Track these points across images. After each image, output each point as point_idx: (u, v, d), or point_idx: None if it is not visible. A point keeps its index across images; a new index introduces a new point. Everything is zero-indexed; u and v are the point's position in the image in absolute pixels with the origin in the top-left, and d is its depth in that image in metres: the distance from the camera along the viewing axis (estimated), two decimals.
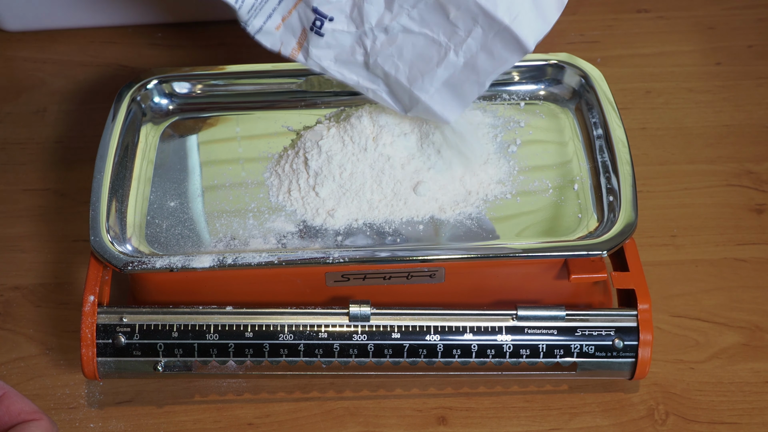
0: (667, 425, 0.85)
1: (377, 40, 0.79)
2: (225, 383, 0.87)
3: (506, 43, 0.77)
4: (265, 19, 0.79)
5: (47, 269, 0.95)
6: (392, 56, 0.80)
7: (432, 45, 0.79)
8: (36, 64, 1.13)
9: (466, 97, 0.82)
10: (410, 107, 0.83)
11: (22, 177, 1.02)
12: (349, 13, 0.78)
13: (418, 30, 0.78)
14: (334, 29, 0.78)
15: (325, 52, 0.80)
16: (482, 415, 0.86)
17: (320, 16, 0.78)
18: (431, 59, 0.79)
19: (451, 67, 0.79)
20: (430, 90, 0.81)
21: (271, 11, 0.79)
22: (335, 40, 0.79)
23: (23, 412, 0.67)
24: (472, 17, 0.76)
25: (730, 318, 0.91)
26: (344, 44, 0.80)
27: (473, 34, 0.77)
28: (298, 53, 0.81)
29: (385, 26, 0.78)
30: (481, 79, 0.80)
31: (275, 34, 0.80)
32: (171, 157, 0.92)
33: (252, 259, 0.82)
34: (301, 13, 0.79)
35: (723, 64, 1.12)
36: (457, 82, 0.80)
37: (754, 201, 0.99)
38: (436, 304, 0.83)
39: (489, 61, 0.79)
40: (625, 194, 0.85)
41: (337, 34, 0.79)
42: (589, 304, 0.87)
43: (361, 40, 0.79)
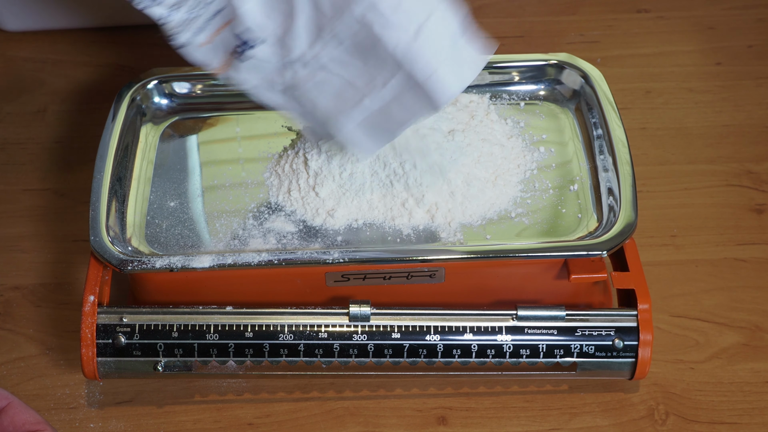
0: (667, 425, 0.85)
1: (297, 74, 0.79)
2: (225, 383, 0.87)
3: (419, 97, 0.77)
4: (191, 35, 0.79)
5: (47, 269, 0.95)
6: (311, 91, 0.80)
7: (349, 87, 0.79)
8: (36, 64, 1.13)
9: (379, 140, 0.82)
10: (326, 138, 0.83)
11: (22, 177, 1.02)
12: (273, 45, 0.78)
13: (336, 71, 0.78)
14: (256, 56, 0.78)
15: (247, 76, 0.80)
16: (482, 415, 0.86)
17: (243, 42, 0.78)
18: (347, 100, 0.79)
19: (366, 111, 0.80)
20: (344, 128, 0.81)
21: (198, 29, 0.79)
22: (257, 67, 0.80)
23: (27, 422, 0.67)
24: (389, 68, 0.76)
25: (730, 318, 0.91)
26: (266, 72, 0.80)
27: (389, 85, 0.77)
28: (221, 72, 0.81)
29: (306, 62, 0.78)
30: (393, 127, 0.81)
31: (201, 50, 0.80)
32: (171, 157, 0.92)
33: (252, 259, 0.82)
34: (227, 36, 0.79)
35: (723, 64, 1.12)
36: (371, 125, 0.81)
37: (754, 201, 0.99)
38: (436, 304, 0.83)
39: (402, 111, 0.79)
40: (625, 194, 0.85)
41: (260, 62, 0.79)
42: (589, 304, 0.87)
43: (282, 71, 0.79)
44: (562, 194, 0.88)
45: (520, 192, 0.89)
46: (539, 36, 1.16)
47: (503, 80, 0.96)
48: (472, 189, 0.87)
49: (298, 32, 0.77)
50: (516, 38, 1.15)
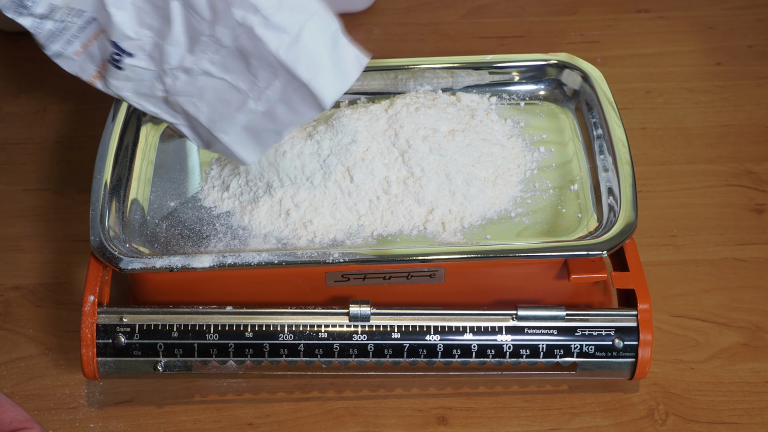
0: (667, 425, 0.85)
1: (177, 80, 0.79)
2: (225, 383, 0.87)
3: (304, 98, 0.77)
4: (63, 44, 0.78)
5: (47, 269, 0.95)
6: (192, 97, 0.79)
7: (232, 91, 0.79)
8: (36, 64, 1.13)
9: (265, 143, 0.82)
10: (210, 144, 0.83)
11: (22, 177, 1.02)
12: (150, 52, 0.77)
13: (218, 75, 0.78)
14: (133, 65, 0.78)
15: (125, 84, 0.80)
16: (482, 415, 0.86)
17: (119, 50, 0.77)
18: (231, 104, 0.79)
19: (251, 114, 0.79)
20: (229, 132, 0.81)
21: (70, 38, 0.78)
22: (135, 75, 0.79)
23: (15, 420, 0.67)
24: (272, 70, 0.76)
25: (730, 318, 0.91)
26: (144, 79, 0.79)
27: (273, 86, 0.77)
28: (97, 81, 0.81)
29: (186, 68, 0.78)
30: (279, 128, 0.80)
31: (75, 59, 0.80)
32: (171, 157, 0.92)
33: (252, 259, 0.82)
34: (102, 44, 0.78)
35: (723, 64, 1.12)
36: (256, 129, 0.80)
37: (754, 201, 0.99)
38: (436, 304, 0.83)
39: (287, 113, 0.79)
40: (625, 194, 0.85)
41: (137, 70, 0.78)
42: (589, 304, 0.87)
43: (161, 78, 0.79)
44: (562, 194, 0.88)
45: (520, 192, 0.89)
46: (539, 36, 1.16)
47: (503, 80, 0.96)
48: (472, 189, 0.87)
49: (175, 38, 0.76)
50: (516, 38, 1.15)
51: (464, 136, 0.89)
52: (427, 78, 0.96)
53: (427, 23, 1.18)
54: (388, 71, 0.96)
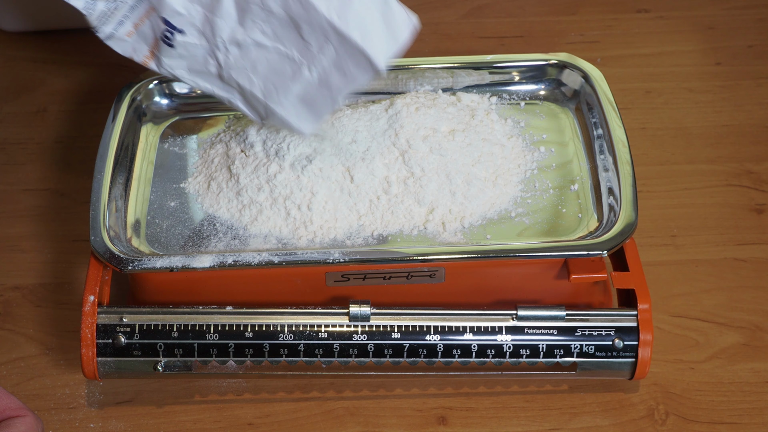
0: (667, 425, 0.85)
1: (230, 54, 0.78)
2: (225, 383, 0.87)
3: (357, 61, 0.77)
4: (115, 25, 0.78)
5: (47, 269, 0.95)
6: (246, 70, 0.79)
7: (285, 60, 0.78)
8: (36, 64, 1.13)
9: (320, 112, 0.82)
10: (266, 117, 0.83)
11: (22, 177, 1.02)
12: (201, 27, 0.77)
13: (270, 45, 0.78)
14: (185, 41, 0.78)
15: (178, 62, 0.80)
16: (482, 415, 0.86)
17: (170, 27, 0.77)
18: (285, 74, 0.79)
19: (305, 83, 0.79)
20: (284, 103, 0.81)
21: (122, 18, 0.78)
22: (187, 52, 0.79)
23: (8, 408, 0.67)
24: (324, 35, 0.76)
25: (730, 318, 0.91)
26: (196, 56, 0.79)
27: (325, 51, 0.77)
28: (150, 61, 0.81)
29: (238, 41, 0.77)
30: (334, 95, 0.80)
31: (127, 40, 0.80)
32: (171, 157, 0.92)
33: (252, 259, 0.82)
34: (153, 23, 0.78)
35: (723, 64, 1.12)
36: (311, 97, 0.80)
37: (754, 201, 0.99)
38: (436, 304, 0.83)
39: (341, 78, 0.79)
40: (625, 194, 0.85)
41: (189, 46, 0.78)
42: (589, 304, 0.87)
43: (213, 53, 0.79)
44: (563, 194, 0.88)
45: (520, 192, 0.89)
46: (539, 36, 1.16)
47: (503, 80, 0.96)
48: (472, 189, 0.87)
49: (225, 10, 0.76)
50: (516, 38, 1.15)
51: (464, 136, 0.89)
52: (427, 78, 0.96)
53: (427, 23, 1.18)
54: (388, 71, 0.96)
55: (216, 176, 0.89)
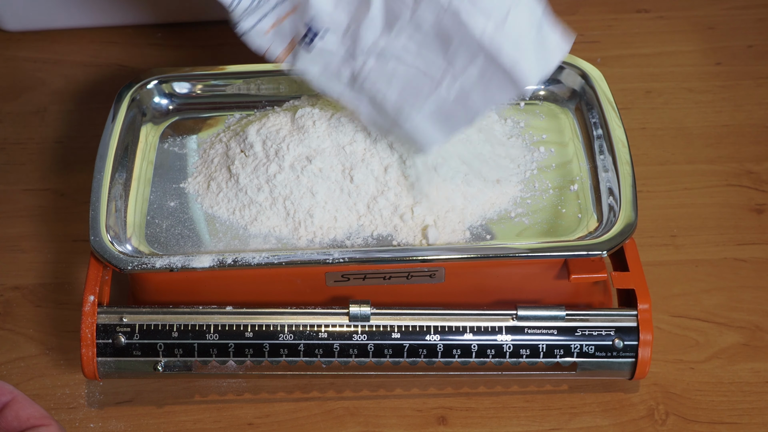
0: (667, 425, 0.85)
1: (367, 64, 0.77)
2: (225, 383, 0.87)
3: (501, 82, 0.76)
4: (257, 20, 0.78)
5: (47, 269, 0.95)
6: (380, 82, 0.78)
7: (423, 76, 0.77)
8: (36, 64, 1.13)
9: (450, 131, 0.81)
10: (390, 131, 0.82)
11: (22, 177, 1.02)
12: (342, 34, 0.77)
13: (411, 60, 0.77)
14: (323, 47, 0.77)
15: (312, 65, 0.79)
16: (482, 415, 0.86)
17: (312, 31, 0.77)
18: (421, 90, 0.78)
19: (440, 100, 0.78)
20: (415, 120, 0.80)
21: (263, 14, 0.78)
22: (323, 57, 0.78)
23: (32, 417, 0.67)
24: (471, 54, 0.75)
25: (730, 318, 0.91)
26: (332, 61, 0.78)
27: (469, 71, 0.76)
28: (284, 58, 0.80)
29: (379, 51, 0.76)
30: (470, 114, 0.79)
31: (264, 36, 0.79)
32: (171, 157, 0.92)
33: (252, 259, 0.82)
34: (294, 23, 0.78)
35: (723, 64, 1.12)
36: (444, 116, 0.79)
37: (754, 201, 0.99)
38: (436, 304, 0.83)
39: (480, 97, 0.77)
40: (625, 194, 0.85)
41: (326, 52, 0.78)
42: (589, 304, 0.87)
43: (350, 61, 0.78)
44: (562, 194, 0.88)
45: (520, 192, 0.89)
46: None
47: None
48: (472, 189, 0.87)
49: (372, 21, 0.75)
50: None
51: (464, 137, 0.89)
52: None
53: None
54: None
55: (216, 176, 0.89)
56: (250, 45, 0.81)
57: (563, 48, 0.77)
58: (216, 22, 1.16)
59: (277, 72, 0.95)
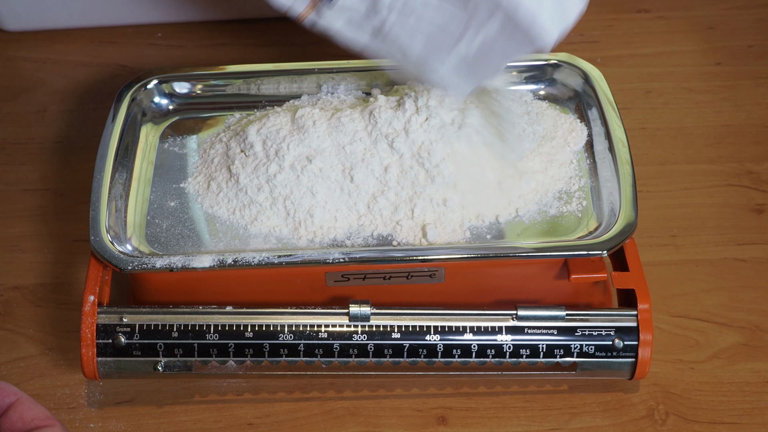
0: (667, 425, 0.85)
1: (389, 19, 0.77)
2: (225, 383, 0.87)
3: (521, 36, 0.76)
4: None
5: (47, 269, 0.95)
6: (401, 36, 0.78)
7: (443, 32, 0.77)
8: (36, 64, 1.13)
9: (478, 76, 0.81)
10: (419, 76, 0.82)
11: (22, 177, 1.02)
12: None
13: (430, 16, 0.76)
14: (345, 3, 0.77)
15: (335, 21, 0.78)
16: (482, 415, 0.86)
17: None
18: (441, 45, 0.77)
19: (463, 54, 0.78)
20: (444, 65, 0.80)
21: None
22: (345, 12, 0.78)
23: (36, 418, 0.67)
24: (491, 8, 0.75)
25: (730, 318, 0.91)
26: (354, 17, 0.78)
27: (489, 25, 0.76)
28: (309, 13, 0.80)
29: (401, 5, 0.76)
30: (494, 64, 0.79)
31: None
32: (171, 157, 0.92)
33: (252, 259, 0.82)
34: None
35: (723, 64, 1.12)
36: (470, 61, 0.79)
37: (754, 201, 0.99)
38: (436, 304, 0.83)
39: (503, 48, 0.77)
40: (625, 194, 0.85)
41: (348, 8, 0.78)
42: (589, 304, 0.87)
43: (371, 16, 0.78)
44: (563, 194, 0.88)
45: (520, 192, 0.88)
46: None
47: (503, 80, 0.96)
48: (472, 189, 0.87)
49: None
50: None
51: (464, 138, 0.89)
52: None
53: None
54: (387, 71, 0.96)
55: (216, 176, 0.89)
56: (272, 3, 0.80)
57: (581, 5, 0.77)
58: (216, 22, 1.16)
59: (277, 72, 0.95)
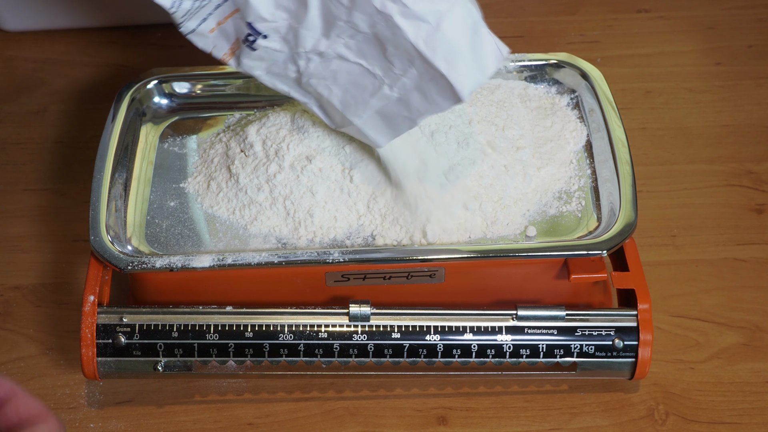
0: (667, 425, 0.85)
1: (311, 63, 0.78)
2: (225, 383, 0.87)
3: (441, 88, 0.76)
4: (199, 22, 0.78)
5: (47, 269, 0.95)
6: (326, 79, 0.78)
7: (367, 75, 0.77)
8: (36, 64, 1.13)
9: (398, 129, 0.81)
10: (341, 126, 0.82)
11: (22, 177, 1.02)
12: (284, 34, 0.76)
13: (353, 60, 0.77)
14: (267, 46, 0.77)
15: (257, 63, 0.79)
16: (482, 415, 0.86)
17: (253, 31, 0.77)
18: (365, 88, 0.78)
19: (385, 99, 0.78)
20: (362, 116, 0.80)
21: (206, 15, 0.78)
22: (268, 55, 0.78)
23: (32, 412, 0.67)
24: (409, 58, 0.75)
25: (730, 318, 0.91)
26: (277, 60, 0.78)
27: (409, 74, 0.76)
28: (229, 58, 0.81)
29: (321, 51, 0.77)
30: (413, 116, 0.79)
31: (209, 36, 0.79)
32: (171, 157, 0.92)
33: (252, 259, 0.82)
34: (237, 24, 0.78)
35: (723, 64, 1.12)
36: (389, 114, 0.79)
37: (754, 201, 0.99)
38: (436, 304, 0.83)
39: (422, 102, 0.77)
40: (625, 194, 0.85)
41: (270, 51, 0.78)
42: (589, 304, 0.87)
43: (294, 60, 0.78)
44: (562, 194, 0.88)
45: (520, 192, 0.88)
46: (539, 36, 1.16)
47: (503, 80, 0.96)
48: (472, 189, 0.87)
49: (311, 22, 0.75)
50: (516, 38, 1.15)
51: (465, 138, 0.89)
52: None
53: None
54: None
55: (216, 176, 0.89)
56: (196, 44, 0.81)
57: (500, 55, 0.76)
58: None
59: None
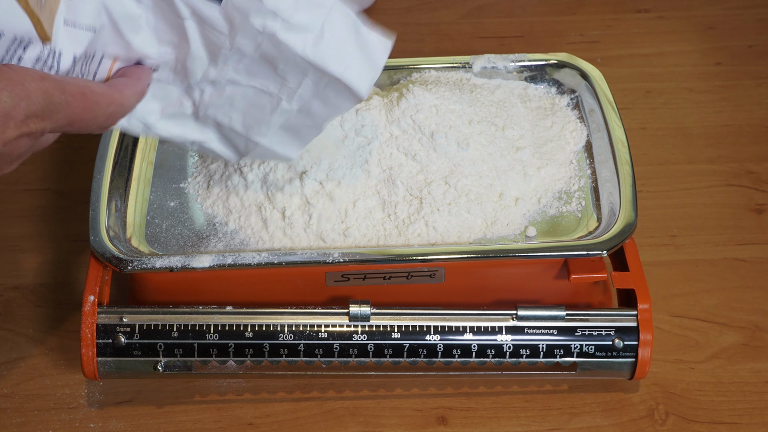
0: (667, 425, 0.85)
1: (205, 93, 0.77)
2: (225, 383, 0.87)
3: (338, 91, 0.76)
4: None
5: (47, 269, 0.95)
6: (223, 106, 0.78)
7: (263, 95, 0.77)
8: None
9: (304, 138, 0.81)
10: (247, 152, 0.82)
11: (22, 177, 1.02)
12: (173, 66, 0.76)
13: (246, 83, 0.77)
14: (158, 78, 0.76)
15: (152, 105, 0.77)
16: (482, 415, 0.86)
17: None
18: (264, 108, 0.78)
19: (286, 114, 0.78)
20: (267, 135, 0.80)
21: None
22: (161, 92, 0.77)
23: None
24: (300, 70, 0.75)
25: (730, 318, 0.91)
26: (171, 98, 0.78)
27: (304, 85, 0.76)
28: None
29: (212, 80, 0.76)
30: (318, 123, 0.79)
31: None
32: (171, 157, 0.92)
33: (252, 259, 0.82)
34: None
35: (723, 64, 1.12)
36: (293, 126, 0.80)
37: (754, 201, 0.99)
38: (436, 304, 0.83)
39: (323, 108, 0.78)
40: (625, 194, 0.85)
41: (164, 86, 0.77)
42: (589, 304, 0.87)
43: (188, 93, 0.78)
44: (562, 194, 0.88)
45: (520, 191, 0.88)
46: (539, 36, 1.16)
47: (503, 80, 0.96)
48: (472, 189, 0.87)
49: (196, 54, 0.74)
50: (516, 38, 1.15)
51: (465, 138, 0.89)
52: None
53: (427, 23, 1.18)
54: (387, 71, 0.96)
55: (215, 176, 0.89)
56: None
57: (386, 47, 0.77)
58: None
59: None
